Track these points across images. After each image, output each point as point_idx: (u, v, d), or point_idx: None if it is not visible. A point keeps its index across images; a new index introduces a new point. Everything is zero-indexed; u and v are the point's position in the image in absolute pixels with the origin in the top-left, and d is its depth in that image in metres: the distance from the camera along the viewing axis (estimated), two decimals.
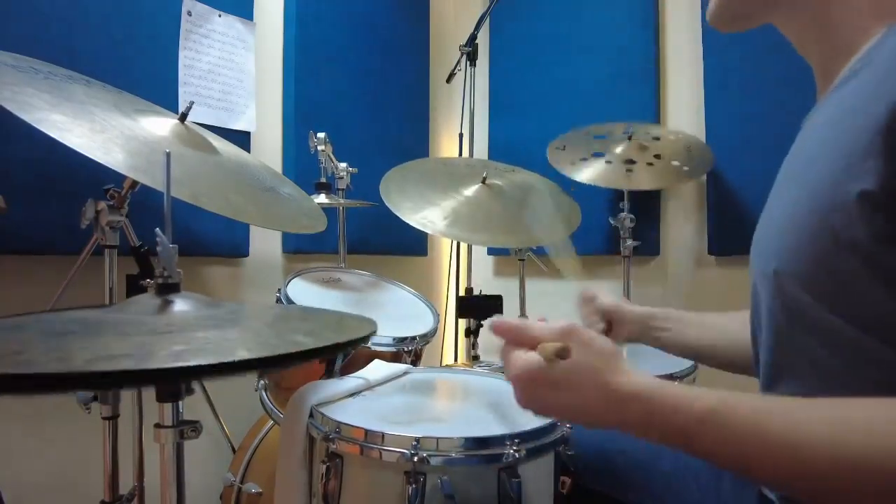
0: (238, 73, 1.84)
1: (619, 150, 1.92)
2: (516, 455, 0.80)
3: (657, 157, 1.91)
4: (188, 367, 0.54)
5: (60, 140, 0.88)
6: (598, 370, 0.63)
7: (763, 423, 0.56)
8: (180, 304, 0.75)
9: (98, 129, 0.97)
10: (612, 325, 1.07)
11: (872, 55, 0.63)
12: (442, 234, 1.56)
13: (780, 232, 0.68)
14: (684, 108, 2.21)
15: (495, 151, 2.47)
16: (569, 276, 1.13)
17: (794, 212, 0.65)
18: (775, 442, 0.55)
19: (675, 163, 1.91)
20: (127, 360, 0.55)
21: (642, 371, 0.63)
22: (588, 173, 1.88)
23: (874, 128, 0.56)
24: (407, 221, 1.52)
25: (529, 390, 0.66)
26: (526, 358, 0.65)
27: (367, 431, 0.83)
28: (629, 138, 1.93)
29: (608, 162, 1.89)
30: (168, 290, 0.76)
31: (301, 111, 2.01)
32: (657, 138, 1.98)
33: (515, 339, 0.69)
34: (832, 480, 0.52)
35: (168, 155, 0.78)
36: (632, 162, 1.88)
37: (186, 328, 0.68)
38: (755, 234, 0.77)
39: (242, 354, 0.57)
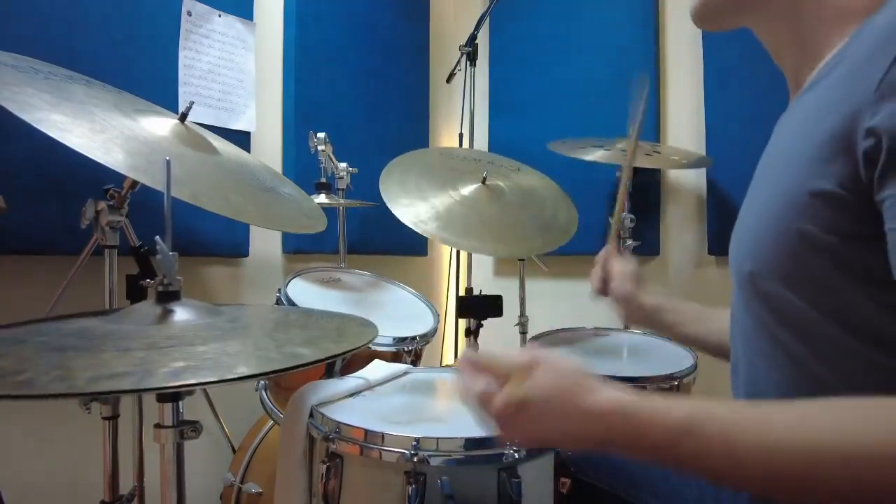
0: (238, 73, 1.84)
1: (619, 146, 1.95)
2: (516, 455, 0.80)
3: (657, 151, 1.97)
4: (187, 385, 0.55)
5: (60, 140, 0.88)
6: (573, 392, 0.62)
7: (734, 434, 0.55)
8: (180, 313, 0.75)
9: (98, 129, 0.97)
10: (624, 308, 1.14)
11: (836, 61, 0.64)
12: (435, 238, 1.56)
13: (753, 233, 0.70)
14: (684, 108, 2.21)
15: (495, 151, 2.46)
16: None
17: (768, 212, 0.67)
18: (745, 454, 0.54)
19: (675, 157, 1.97)
20: (128, 378, 0.56)
21: (615, 384, 0.63)
22: (590, 156, 1.93)
23: (833, 131, 0.58)
24: (402, 221, 1.51)
25: (512, 424, 0.65)
26: (502, 395, 0.64)
27: (367, 431, 0.83)
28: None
29: (607, 149, 1.94)
30: (168, 298, 0.76)
31: (301, 111, 2.01)
32: (658, 151, 2.04)
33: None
34: (806, 481, 0.53)
35: (168, 162, 0.78)
36: None
37: (186, 341, 0.68)
38: (732, 236, 0.79)
39: (242, 371, 0.58)
